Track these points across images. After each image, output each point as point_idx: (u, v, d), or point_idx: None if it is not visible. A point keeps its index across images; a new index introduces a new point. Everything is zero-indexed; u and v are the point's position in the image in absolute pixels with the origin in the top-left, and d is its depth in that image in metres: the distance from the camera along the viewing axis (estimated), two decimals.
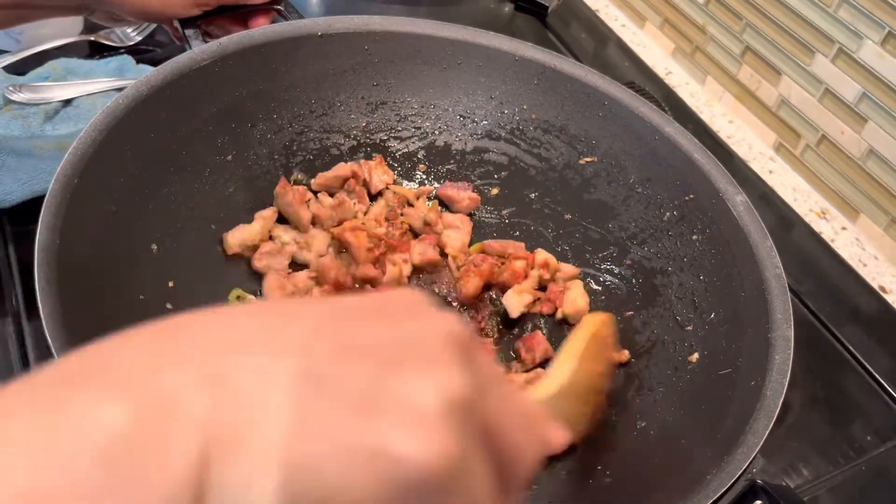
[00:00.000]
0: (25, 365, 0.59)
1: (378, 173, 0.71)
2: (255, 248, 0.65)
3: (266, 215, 0.66)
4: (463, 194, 0.72)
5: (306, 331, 0.24)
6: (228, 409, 0.21)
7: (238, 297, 0.62)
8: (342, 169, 0.70)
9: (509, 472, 0.26)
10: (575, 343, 0.46)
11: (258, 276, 0.64)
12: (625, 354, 0.63)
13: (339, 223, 0.67)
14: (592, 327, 0.48)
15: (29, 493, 0.19)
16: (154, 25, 0.87)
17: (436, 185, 0.74)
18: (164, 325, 0.24)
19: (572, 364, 0.45)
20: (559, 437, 0.29)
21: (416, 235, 0.70)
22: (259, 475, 0.21)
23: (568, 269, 0.69)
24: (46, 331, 0.44)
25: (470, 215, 0.72)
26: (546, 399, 0.42)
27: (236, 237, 0.64)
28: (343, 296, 0.26)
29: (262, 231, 0.65)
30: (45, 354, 0.58)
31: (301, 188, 0.68)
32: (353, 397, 0.22)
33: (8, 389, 0.21)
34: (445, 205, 0.73)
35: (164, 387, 0.21)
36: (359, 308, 0.26)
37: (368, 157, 0.73)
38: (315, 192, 0.70)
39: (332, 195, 0.70)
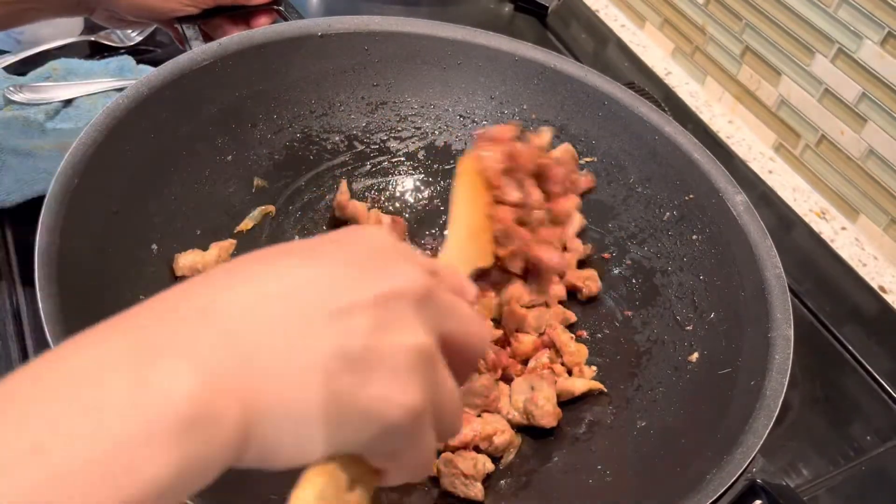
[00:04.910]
0: None
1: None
2: None
3: (224, 246, 0.62)
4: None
5: (310, 315, 0.31)
6: (261, 389, 0.29)
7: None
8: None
9: (464, 365, 0.36)
10: (456, 192, 0.51)
11: None
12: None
13: None
14: (463, 171, 0.52)
15: (119, 439, 0.25)
16: (154, 26, 0.87)
17: None
18: (202, 305, 0.30)
19: (459, 212, 0.50)
20: (488, 331, 0.40)
21: None
22: (285, 440, 0.30)
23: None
24: (47, 331, 0.44)
25: None
26: (457, 254, 0.48)
27: (187, 260, 0.60)
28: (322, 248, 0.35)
29: (217, 261, 0.61)
30: None
31: (360, 203, 0.69)
32: (348, 369, 0.30)
33: (103, 345, 0.28)
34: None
35: (216, 365, 0.28)
36: (345, 266, 0.33)
37: (368, 158, 0.73)
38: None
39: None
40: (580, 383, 0.60)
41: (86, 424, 0.26)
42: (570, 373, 0.62)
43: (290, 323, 0.30)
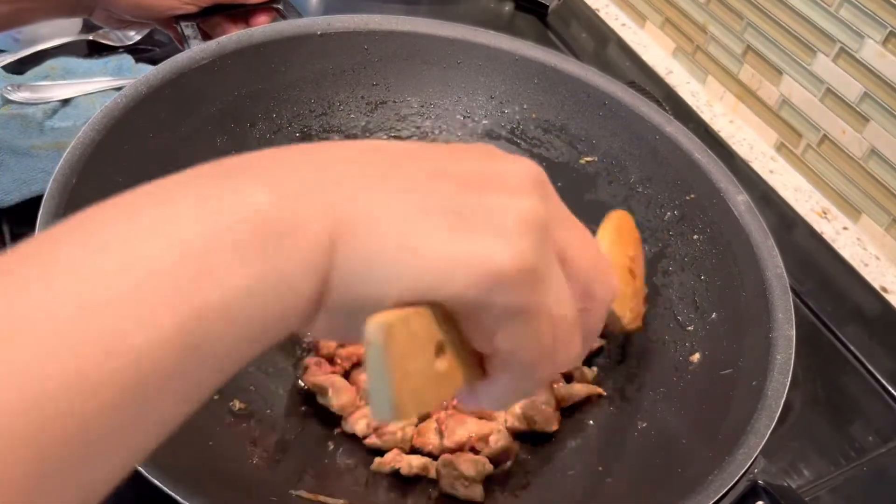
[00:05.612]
0: None
1: None
2: None
3: None
4: None
5: (414, 165, 0.29)
6: (351, 205, 0.27)
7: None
8: None
9: (584, 293, 0.31)
10: (602, 236, 0.47)
11: None
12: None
13: None
14: (615, 221, 0.49)
15: (193, 242, 0.24)
16: (153, 26, 0.86)
17: None
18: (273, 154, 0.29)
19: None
20: (616, 282, 0.35)
21: None
22: (378, 259, 0.26)
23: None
24: None
25: None
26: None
27: None
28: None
29: None
30: None
31: None
32: (451, 215, 0.27)
33: (175, 176, 0.27)
34: None
35: (297, 184, 0.27)
36: (450, 151, 0.31)
37: None
38: None
39: None
40: (579, 388, 0.60)
41: (154, 236, 0.24)
42: (570, 378, 0.62)
43: (384, 169, 0.28)
